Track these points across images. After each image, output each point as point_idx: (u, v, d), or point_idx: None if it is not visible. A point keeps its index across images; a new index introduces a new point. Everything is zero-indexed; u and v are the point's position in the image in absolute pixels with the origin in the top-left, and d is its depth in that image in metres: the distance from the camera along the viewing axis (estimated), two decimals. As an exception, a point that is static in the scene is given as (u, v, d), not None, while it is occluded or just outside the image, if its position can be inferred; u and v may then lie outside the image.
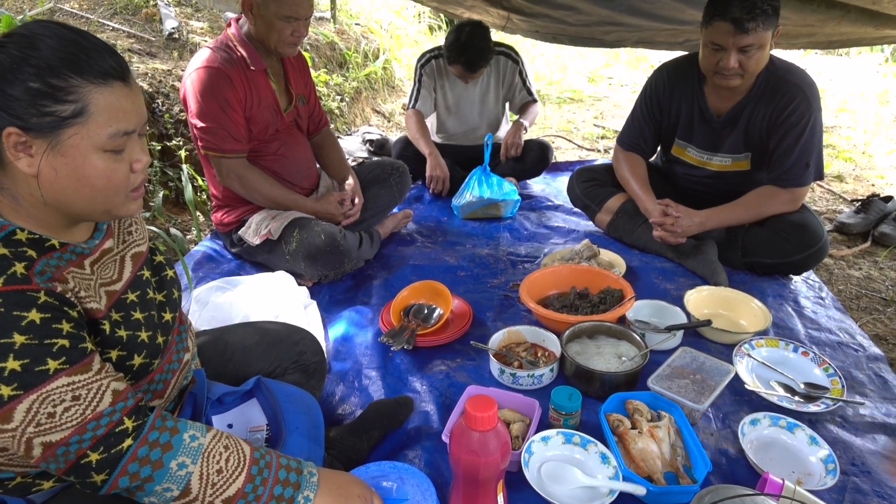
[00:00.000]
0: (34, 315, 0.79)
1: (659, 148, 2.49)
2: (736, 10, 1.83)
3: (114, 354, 0.92)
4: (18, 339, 0.77)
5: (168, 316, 1.07)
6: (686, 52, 2.36)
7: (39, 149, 0.82)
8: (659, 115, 2.33)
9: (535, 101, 3.05)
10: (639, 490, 1.21)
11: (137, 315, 0.97)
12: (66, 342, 0.81)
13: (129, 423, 0.85)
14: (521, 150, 2.98)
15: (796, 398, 1.54)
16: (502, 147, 2.98)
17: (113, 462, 0.83)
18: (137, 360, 0.95)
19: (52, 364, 0.79)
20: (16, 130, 0.80)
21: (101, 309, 0.91)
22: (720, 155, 2.24)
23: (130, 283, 1.00)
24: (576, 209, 2.72)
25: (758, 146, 2.16)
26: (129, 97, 0.87)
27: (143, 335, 0.97)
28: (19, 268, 0.81)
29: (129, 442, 0.84)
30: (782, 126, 2.06)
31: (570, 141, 4.28)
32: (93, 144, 0.84)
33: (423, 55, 3.00)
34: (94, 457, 0.82)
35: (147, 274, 1.05)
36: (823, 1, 2.17)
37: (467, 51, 2.71)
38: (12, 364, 0.77)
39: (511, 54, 2.98)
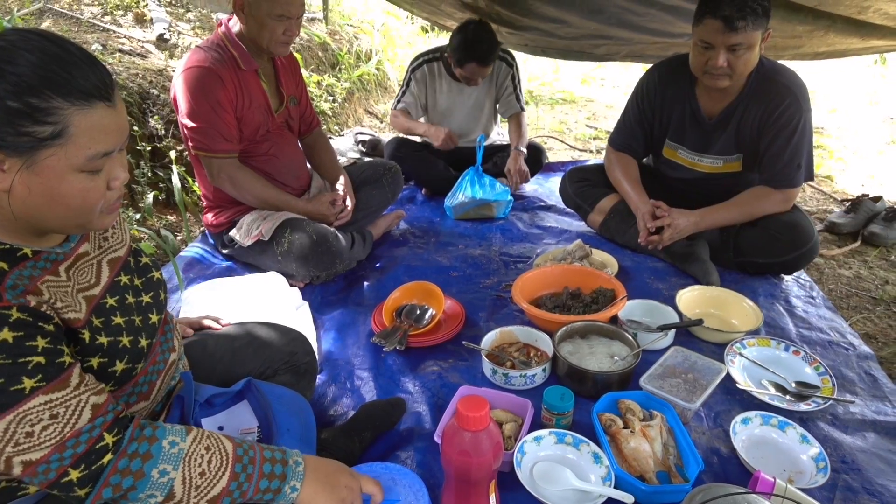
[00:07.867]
0: (6, 334, 0.77)
1: (650, 148, 2.50)
2: (727, 7, 1.85)
3: (95, 362, 0.91)
4: None
5: (155, 318, 1.05)
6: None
7: (13, 166, 0.79)
8: (651, 116, 2.33)
9: (521, 110, 3.03)
10: (627, 498, 1.21)
11: (118, 320, 0.96)
12: (41, 359, 0.80)
13: (108, 439, 0.84)
14: (528, 176, 2.99)
15: (787, 397, 1.55)
16: (508, 179, 2.94)
17: (94, 477, 0.83)
18: (120, 366, 0.94)
19: (28, 383, 0.78)
20: None
21: (81, 318, 0.89)
22: (710, 156, 2.25)
23: (108, 288, 0.98)
24: (568, 209, 2.73)
25: (749, 147, 2.17)
26: (111, 117, 0.84)
27: (125, 340, 0.95)
28: None
29: (108, 457, 0.84)
30: (773, 127, 2.07)
31: (562, 142, 4.29)
32: (70, 165, 0.81)
33: (416, 58, 2.99)
34: (74, 474, 0.81)
35: (125, 279, 1.03)
36: (811, 11, 2.18)
37: (478, 46, 2.69)
38: None
39: (507, 58, 2.98)
